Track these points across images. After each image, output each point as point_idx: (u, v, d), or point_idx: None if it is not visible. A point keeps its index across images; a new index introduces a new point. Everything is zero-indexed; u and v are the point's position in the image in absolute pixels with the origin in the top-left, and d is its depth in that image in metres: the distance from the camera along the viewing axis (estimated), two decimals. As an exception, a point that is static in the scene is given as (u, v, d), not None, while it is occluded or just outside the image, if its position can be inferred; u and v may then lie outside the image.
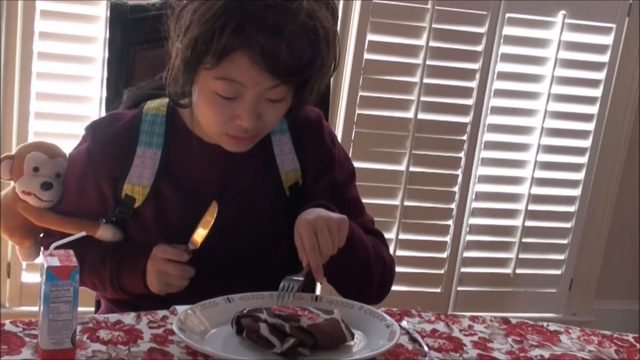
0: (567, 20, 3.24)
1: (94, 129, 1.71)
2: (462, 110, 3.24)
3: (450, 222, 3.34)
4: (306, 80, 1.55)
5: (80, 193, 1.70)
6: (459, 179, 3.30)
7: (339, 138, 3.02)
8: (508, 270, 3.47)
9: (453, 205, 3.32)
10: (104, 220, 1.72)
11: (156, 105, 1.70)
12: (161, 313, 1.51)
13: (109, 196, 1.69)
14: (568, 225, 3.50)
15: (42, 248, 1.78)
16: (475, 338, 1.57)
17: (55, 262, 1.30)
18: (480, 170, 3.33)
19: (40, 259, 1.34)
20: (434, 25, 3.10)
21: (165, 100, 1.69)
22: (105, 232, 1.69)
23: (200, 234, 1.58)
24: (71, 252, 1.35)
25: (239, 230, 1.69)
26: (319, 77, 1.57)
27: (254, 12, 1.46)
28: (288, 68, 1.48)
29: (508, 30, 3.21)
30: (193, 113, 1.62)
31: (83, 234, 1.42)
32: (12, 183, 1.75)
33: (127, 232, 1.72)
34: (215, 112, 1.54)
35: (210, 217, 1.58)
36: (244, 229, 1.69)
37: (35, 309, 1.33)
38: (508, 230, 3.43)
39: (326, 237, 1.53)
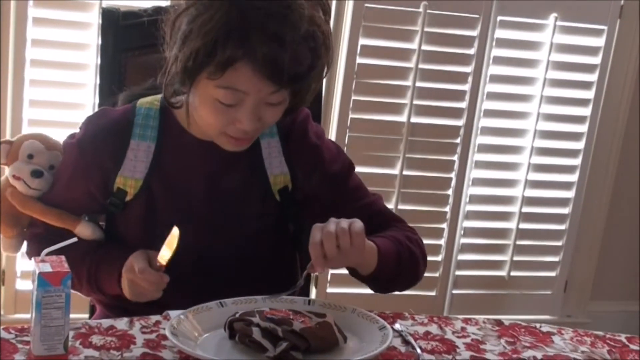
0: (559, 23, 3.24)
1: (86, 122, 1.72)
2: (455, 113, 3.24)
3: (444, 225, 3.34)
4: (305, 83, 1.57)
5: (68, 185, 1.71)
6: (453, 182, 3.30)
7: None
8: (503, 273, 3.47)
9: (447, 209, 3.33)
10: (86, 218, 1.72)
11: (150, 100, 1.71)
12: (154, 318, 1.51)
13: (99, 190, 1.69)
14: (562, 227, 3.50)
15: (26, 245, 1.79)
16: (468, 340, 1.57)
17: (47, 268, 1.31)
18: (474, 173, 3.33)
19: (32, 266, 1.34)
20: (426, 29, 3.11)
21: (159, 95, 1.70)
22: (84, 230, 1.69)
23: (164, 256, 1.53)
24: (63, 258, 1.35)
25: (224, 230, 1.70)
26: (315, 80, 1.58)
27: (256, 22, 1.46)
28: (289, 75, 1.50)
29: (500, 33, 3.21)
30: (189, 112, 1.62)
31: (75, 239, 1.42)
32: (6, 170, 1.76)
33: (114, 228, 1.72)
34: (216, 117, 1.55)
35: (171, 241, 1.53)
36: (229, 230, 1.70)
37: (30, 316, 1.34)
38: (502, 233, 3.44)
39: (331, 231, 1.49)
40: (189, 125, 1.67)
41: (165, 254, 1.53)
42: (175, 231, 1.52)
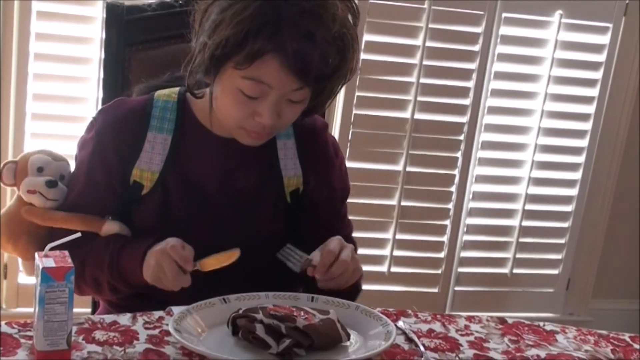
0: (564, 20, 3.24)
1: (103, 112, 1.71)
2: (459, 110, 3.24)
3: (447, 222, 3.34)
4: (328, 84, 1.58)
5: (89, 179, 1.68)
6: (456, 179, 3.30)
7: (336, 138, 3.03)
8: (505, 270, 3.47)
9: (450, 205, 3.32)
10: (109, 217, 1.69)
11: (167, 92, 1.71)
12: (157, 314, 1.51)
13: (118, 181, 1.67)
14: (565, 224, 3.50)
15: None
16: (471, 338, 1.57)
17: (51, 263, 1.30)
18: (477, 170, 3.33)
19: (35, 261, 1.34)
20: (430, 25, 3.10)
21: (176, 89, 1.70)
22: (111, 227, 1.67)
23: (211, 264, 1.54)
24: (66, 253, 1.35)
25: (236, 228, 1.69)
26: (339, 83, 1.60)
27: (289, 17, 1.47)
28: (316, 73, 1.51)
29: (505, 30, 3.21)
30: (210, 104, 1.61)
31: (78, 234, 1.41)
32: (14, 195, 1.74)
33: (129, 224, 1.70)
34: (237, 109, 1.56)
35: (226, 258, 1.55)
36: (242, 227, 1.70)
37: (32, 310, 1.33)
38: (505, 230, 3.43)
39: (346, 260, 1.57)
40: (208, 121, 1.66)
41: (210, 262, 1.53)
42: (236, 251, 1.53)
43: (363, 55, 3.07)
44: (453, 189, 3.31)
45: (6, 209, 1.74)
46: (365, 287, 3.25)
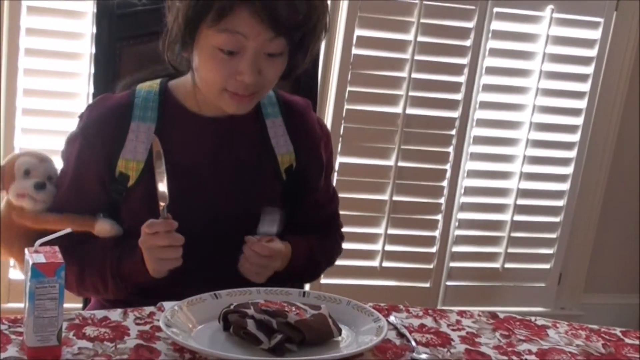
0: (555, 15, 3.24)
1: (87, 110, 1.73)
2: (451, 105, 3.24)
3: (439, 217, 3.34)
4: (301, 39, 1.60)
5: (78, 179, 1.69)
6: (448, 174, 3.30)
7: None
8: (497, 265, 3.47)
9: (442, 200, 3.32)
10: (101, 215, 1.70)
11: (148, 84, 1.73)
12: (148, 309, 1.50)
13: (106, 177, 1.68)
14: (557, 219, 3.51)
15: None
16: (463, 333, 1.57)
17: (41, 258, 1.30)
18: (469, 165, 3.33)
19: (25, 256, 1.33)
20: (422, 20, 3.10)
21: (157, 80, 1.73)
22: (103, 227, 1.68)
23: (162, 187, 1.60)
24: (56, 248, 1.34)
25: (232, 208, 1.70)
26: (312, 37, 1.62)
27: None
28: (286, 23, 1.54)
29: (496, 25, 3.21)
30: (193, 77, 1.64)
31: (69, 230, 1.41)
32: (3, 198, 1.74)
33: (120, 218, 1.71)
34: (217, 68, 1.58)
35: (158, 162, 1.61)
36: (238, 207, 1.71)
37: (23, 306, 1.33)
38: (497, 225, 3.44)
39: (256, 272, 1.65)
40: (192, 103, 1.69)
41: (161, 190, 1.59)
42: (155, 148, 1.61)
43: (354, 50, 3.07)
44: (445, 183, 3.31)
45: None
46: (356, 282, 3.30)
